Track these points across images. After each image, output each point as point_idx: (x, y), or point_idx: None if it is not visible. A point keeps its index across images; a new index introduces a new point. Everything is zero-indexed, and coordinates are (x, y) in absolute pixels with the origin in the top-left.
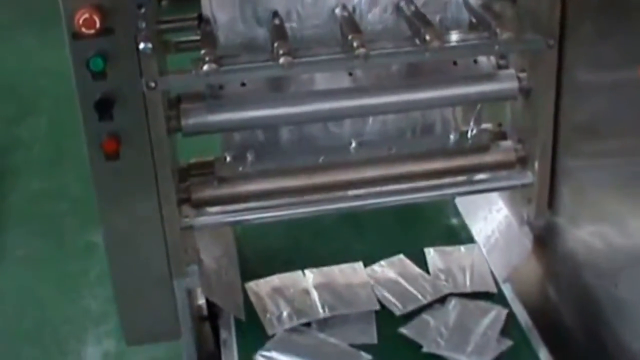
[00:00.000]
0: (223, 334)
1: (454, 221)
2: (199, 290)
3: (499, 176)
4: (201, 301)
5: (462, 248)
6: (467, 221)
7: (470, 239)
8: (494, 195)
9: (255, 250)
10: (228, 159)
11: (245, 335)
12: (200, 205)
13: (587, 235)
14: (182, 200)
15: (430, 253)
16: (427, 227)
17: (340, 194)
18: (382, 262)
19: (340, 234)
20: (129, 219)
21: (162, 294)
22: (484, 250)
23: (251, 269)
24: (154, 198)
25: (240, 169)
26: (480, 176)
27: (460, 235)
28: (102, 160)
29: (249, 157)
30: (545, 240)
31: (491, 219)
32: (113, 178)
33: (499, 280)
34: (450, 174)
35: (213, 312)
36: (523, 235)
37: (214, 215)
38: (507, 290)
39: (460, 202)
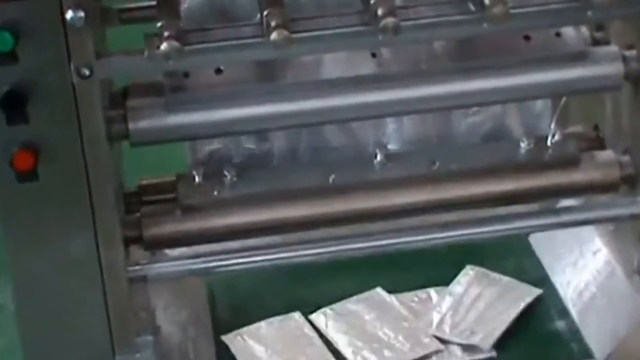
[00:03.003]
0: None
1: (560, 324)
2: None
3: (596, 202)
4: None
5: None
6: (547, 267)
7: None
8: (588, 231)
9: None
10: (197, 178)
11: None
12: (156, 246)
13: None
14: (130, 239)
15: None
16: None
17: (359, 229)
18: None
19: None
20: (52, 266)
21: None
22: (572, 311)
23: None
24: (89, 236)
25: (215, 193)
26: (567, 202)
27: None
28: (12, 181)
29: (228, 175)
30: None
31: (584, 265)
32: (28, 207)
33: (598, 356)
34: (522, 200)
35: None
36: (634, 290)
37: (176, 261)
38: None
39: (537, 240)
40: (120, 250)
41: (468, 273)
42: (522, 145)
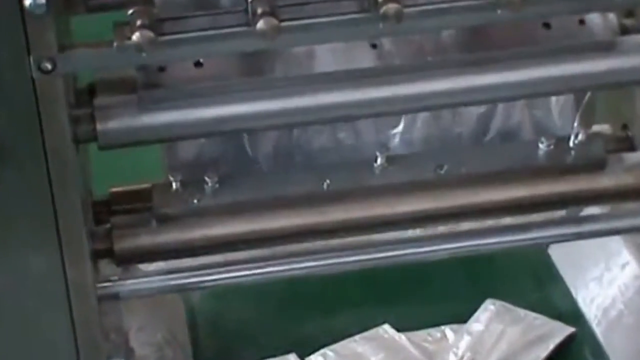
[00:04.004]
0: None
1: None
2: None
3: (624, 210)
4: None
5: None
6: (569, 282)
7: None
8: (615, 242)
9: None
10: (174, 185)
11: None
12: (128, 260)
13: None
14: (100, 253)
15: None
16: None
17: (357, 241)
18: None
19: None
20: (10, 284)
21: None
22: (597, 330)
23: None
24: (53, 249)
25: (195, 201)
26: (592, 210)
27: None
28: None
29: (209, 182)
30: None
31: (610, 280)
32: None
33: None
34: (541, 208)
35: None
36: None
37: (151, 277)
38: None
39: (558, 252)
40: (88, 266)
41: (488, 308)
42: (541, 146)
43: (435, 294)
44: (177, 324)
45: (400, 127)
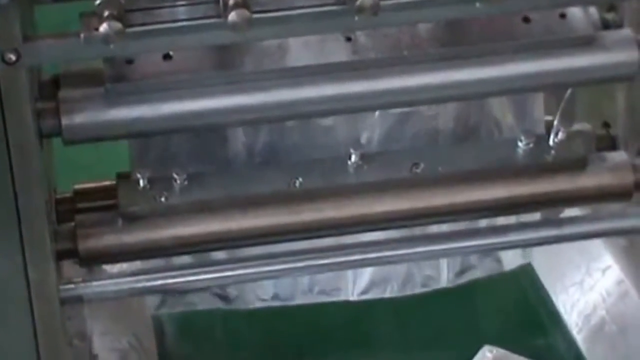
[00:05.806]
0: None
1: None
2: None
3: (606, 212)
4: None
5: None
6: (548, 288)
7: None
8: (597, 245)
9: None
10: (141, 182)
11: None
12: (93, 260)
13: None
14: (63, 253)
15: None
16: None
17: (330, 242)
18: None
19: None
20: None
21: None
22: (578, 338)
23: None
24: (15, 249)
25: (163, 199)
26: (572, 212)
27: None
28: None
29: (177, 179)
30: None
31: (591, 285)
32: None
33: None
34: (520, 209)
35: None
36: None
37: (116, 279)
38: None
39: (537, 256)
40: (51, 266)
41: (485, 356)
42: (520, 144)
43: (426, 340)
44: (143, 329)
45: (375, 124)
